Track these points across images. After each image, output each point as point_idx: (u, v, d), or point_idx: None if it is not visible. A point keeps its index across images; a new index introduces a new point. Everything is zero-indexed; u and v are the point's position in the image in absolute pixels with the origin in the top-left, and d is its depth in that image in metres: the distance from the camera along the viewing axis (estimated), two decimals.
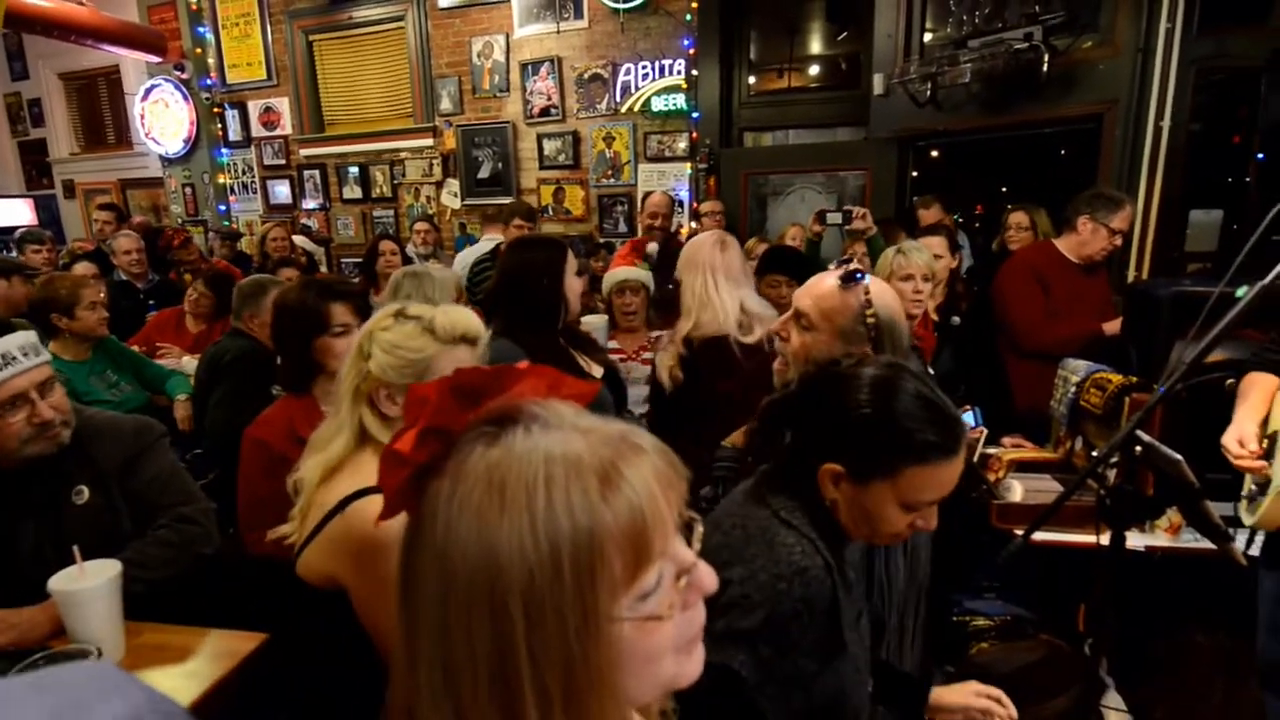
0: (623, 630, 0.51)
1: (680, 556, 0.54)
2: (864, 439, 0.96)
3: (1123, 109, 3.32)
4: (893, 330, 1.30)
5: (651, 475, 0.52)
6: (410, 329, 1.16)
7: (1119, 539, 1.47)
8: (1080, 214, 2.88)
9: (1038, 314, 2.87)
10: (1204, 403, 2.19)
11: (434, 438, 0.53)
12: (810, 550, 0.97)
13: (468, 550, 0.49)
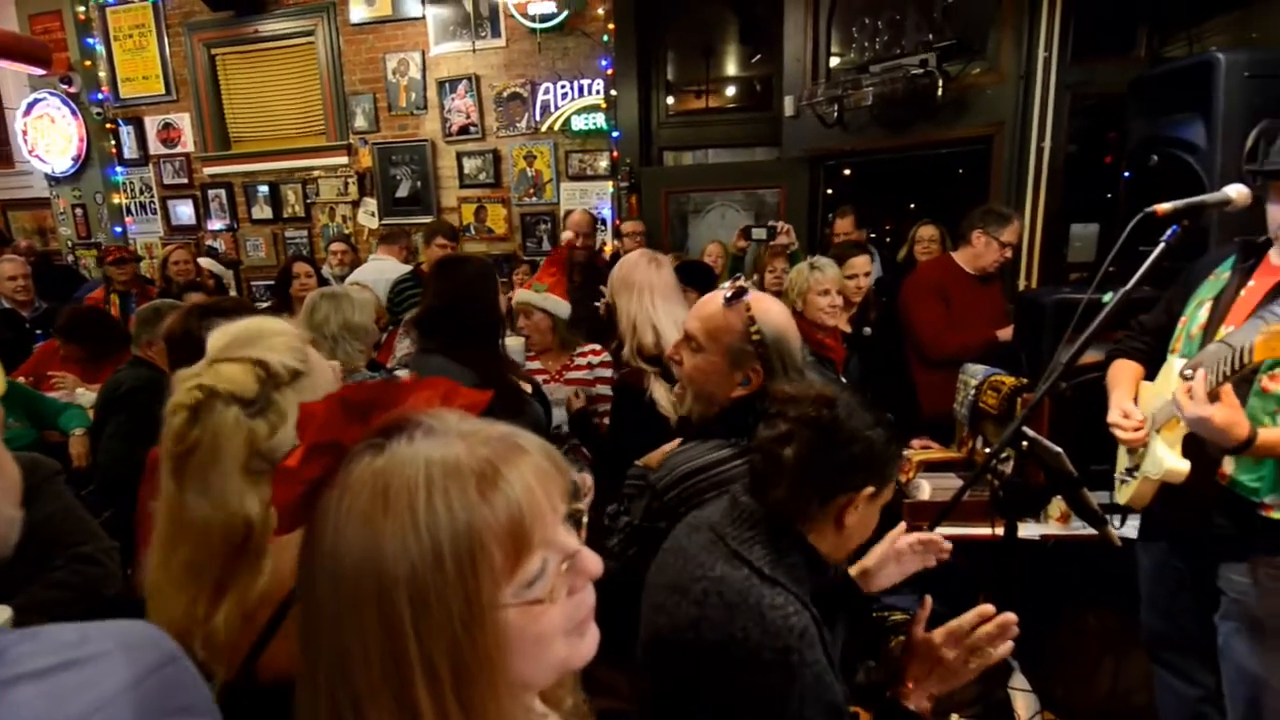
0: (508, 615, 0.55)
1: (563, 544, 0.59)
2: (876, 456, 1.04)
3: (1009, 131, 3.59)
4: (780, 345, 1.30)
5: (531, 473, 0.57)
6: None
7: (1012, 529, 1.59)
8: (974, 229, 3.09)
9: (940, 325, 3.06)
10: (1087, 400, 2.38)
11: (323, 452, 0.56)
12: (800, 606, 0.98)
13: (356, 551, 0.53)
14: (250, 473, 0.87)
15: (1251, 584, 1.73)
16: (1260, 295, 1.67)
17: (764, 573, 0.99)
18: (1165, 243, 1.42)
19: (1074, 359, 1.50)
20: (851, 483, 1.02)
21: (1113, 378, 2.04)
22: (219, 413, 0.87)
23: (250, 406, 0.89)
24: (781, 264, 3.09)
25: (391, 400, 0.59)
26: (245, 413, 0.88)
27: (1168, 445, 1.70)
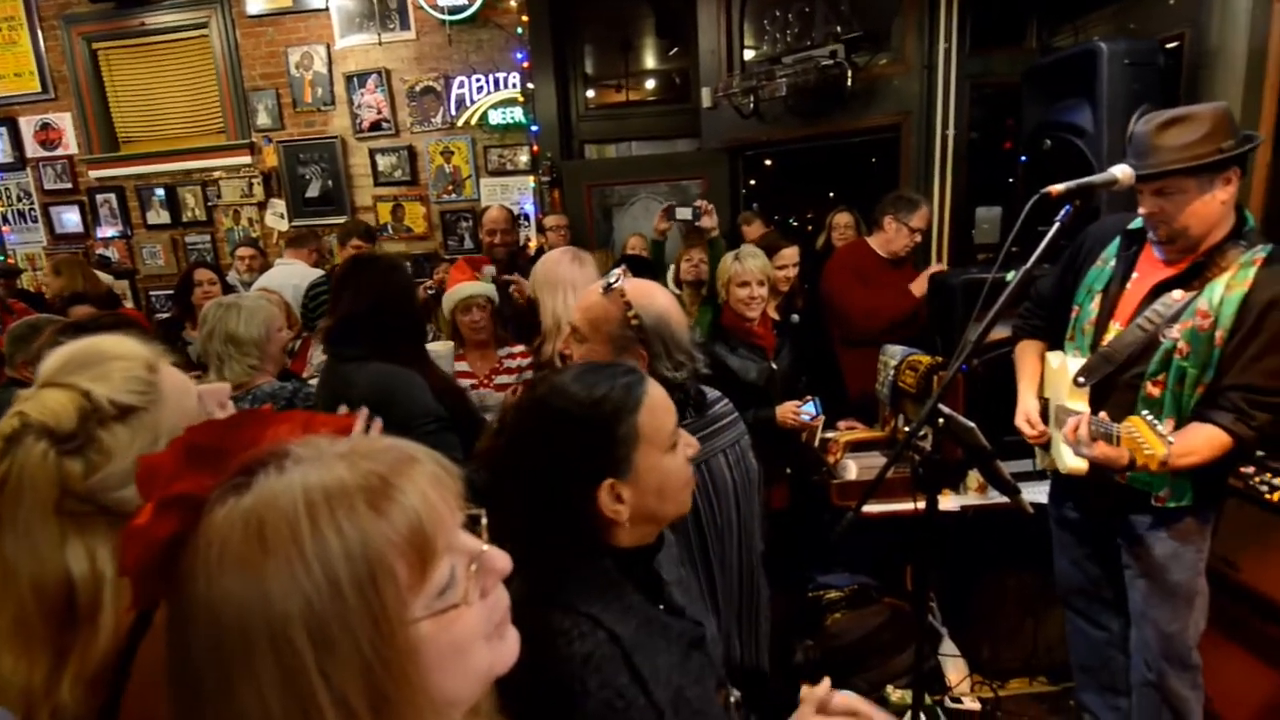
0: (421, 630, 0.52)
1: (467, 547, 0.57)
2: (599, 434, 0.91)
3: (915, 119, 3.73)
4: (661, 329, 1.28)
5: (425, 480, 0.54)
6: None
7: (932, 503, 1.65)
8: (885, 215, 3.20)
9: (860, 302, 3.15)
10: (998, 375, 2.50)
11: (176, 507, 0.51)
12: (591, 626, 0.87)
13: (236, 601, 0.48)
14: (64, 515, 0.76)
15: (1147, 545, 1.88)
16: (1142, 294, 1.81)
17: (550, 595, 0.89)
18: (1060, 222, 1.50)
19: (981, 337, 1.57)
20: (581, 474, 0.90)
21: (1019, 362, 2.17)
22: (27, 446, 0.76)
23: (66, 442, 0.77)
24: (699, 253, 3.10)
25: (245, 440, 0.54)
26: (58, 448, 0.77)
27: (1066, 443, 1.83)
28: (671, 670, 0.91)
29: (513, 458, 0.96)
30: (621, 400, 0.92)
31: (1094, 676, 2.28)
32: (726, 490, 1.38)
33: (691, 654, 0.99)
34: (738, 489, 1.42)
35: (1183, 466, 1.68)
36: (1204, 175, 1.65)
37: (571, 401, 0.93)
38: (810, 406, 2.35)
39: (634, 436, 0.91)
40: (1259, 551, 2.07)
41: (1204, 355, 1.68)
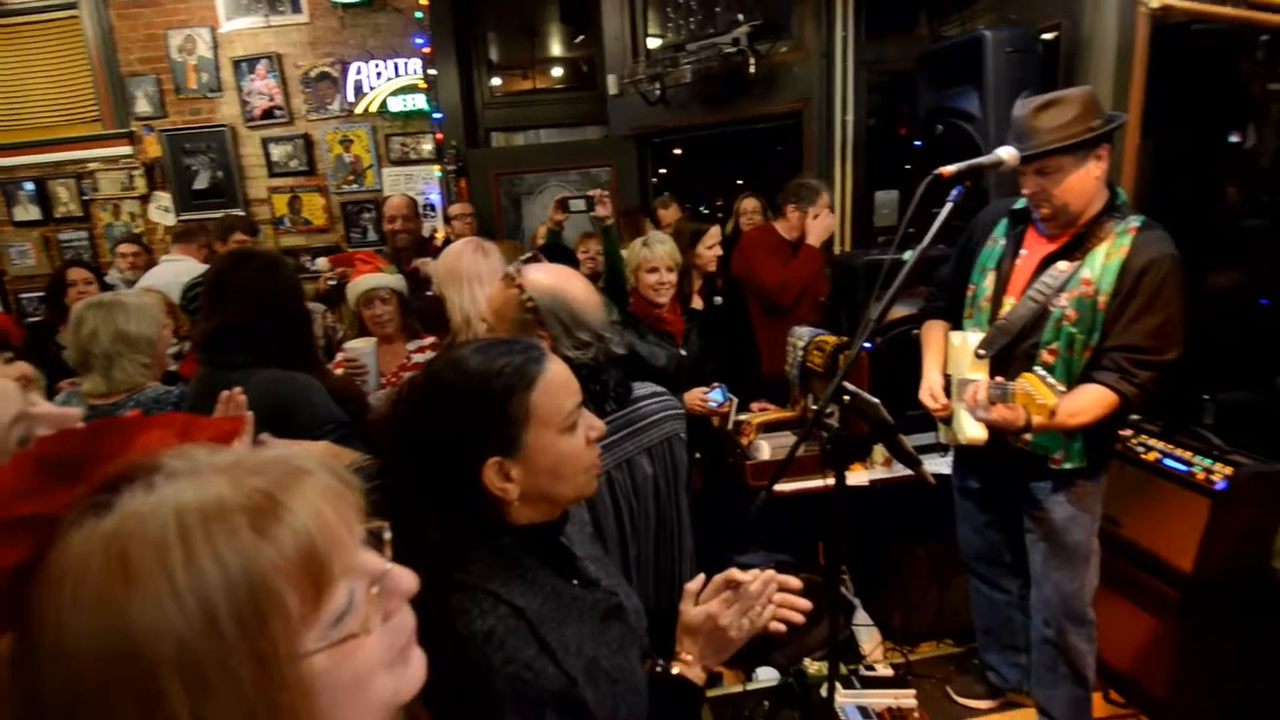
0: (316, 664, 0.46)
1: (369, 567, 0.51)
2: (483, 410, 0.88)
3: (815, 106, 3.81)
4: (558, 309, 1.26)
5: (318, 495, 0.48)
6: None
7: (841, 478, 1.68)
8: (788, 202, 3.25)
9: (775, 274, 3.15)
10: (902, 353, 2.58)
11: (21, 530, 0.43)
12: (492, 603, 0.84)
13: (94, 642, 0.41)
14: None
15: (1045, 509, 1.99)
16: (1031, 268, 1.92)
17: (448, 575, 0.86)
18: (952, 202, 1.54)
19: (881, 316, 1.61)
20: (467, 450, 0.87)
21: (924, 340, 2.26)
22: None
23: None
24: (595, 245, 3.06)
25: (108, 450, 0.47)
26: None
27: (969, 414, 1.91)
28: (583, 640, 0.90)
29: (402, 430, 0.94)
30: (514, 377, 0.89)
31: (996, 636, 2.40)
32: (646, 490, 1.36)
33: (610, 624, 0.98)
34: (660, 488, 1.40)
35: (1073, 426, 1.78)
36: (1078, 153, 1.75)
37: (463, 375, 0.90)
38: (717, 394, 2.36)
39: (525, 415, 0.88)
40: (1138, 508, 2.22)
41: (1090, 321, 1.79)
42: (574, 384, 0.94)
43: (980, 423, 1.86)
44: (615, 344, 1.31)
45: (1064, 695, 2.12)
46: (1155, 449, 2.21)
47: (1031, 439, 1.91)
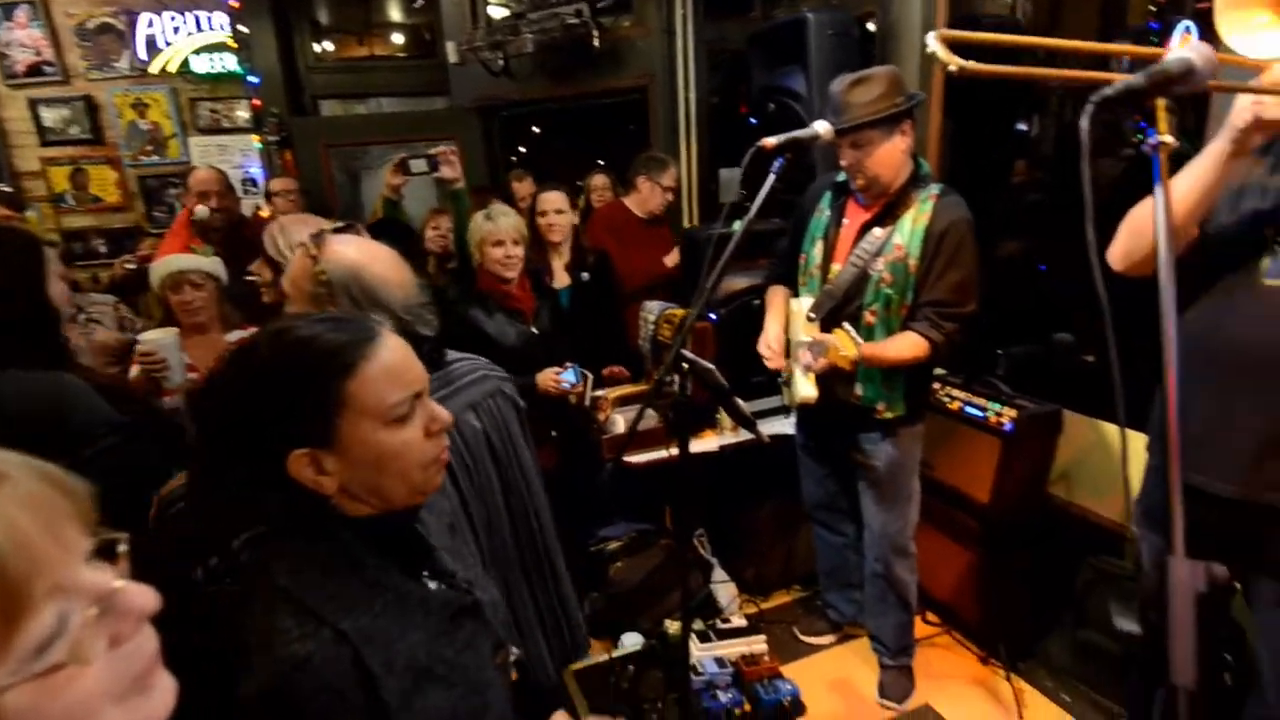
0: (9, 702, 0.41)
1: (89, 586, 0.45)
2: (288, 394, 0.80)
3: (659, 82, 3.87)
4: (350, 283, 1.19)
5: (16, 505, 0.43)
6: None
7: (685, 445, 1.75)
8: (638, 175, 3.30)
9: (619, 263, 3.21)
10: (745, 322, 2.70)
11: None
12: (314, 625, 0.77)
13: None
14: None
15: (874, 457, 2.19)
16: (852, 236, 2.10)
17: (274, 583, 0.79)
18: (774, 173, 1.62)
19: (714, 286, 1.67)
20: (272, 437, 0.79)
21: (768, 302, 2.39)
22: None
23: None
24: (448, 221, 2.91)
25: None
26: None
27: (803, 374, 2.05)
28: (419, 648, 0.84)
29: (212, 410, 0.83)
30: (329, 360, 0.80)
31: (835, 577, 2.63)
32: (479, 448, 1.31)
33: (461, 623, 0.94)
34: (494, 444, 1.35)
35: (890, 359, 1.99)
36: (885, 127, 1.93)
37: (277, 351, 0.82)
38: (569, 374, 2.35)
39: (338, 403, 0.80)
40: (945, 451, 2.49)
41: (903, 282, 1.99)
42: (411, 373, 0.86)
43: (812, 380, 2.02)
44: (420, 325, 1.24)
45: (891, 621, 2.36)
46: (958, 399, 2.50)
47: (861, 393, 2.09)
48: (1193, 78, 0.90)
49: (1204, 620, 0.77)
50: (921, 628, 2.61)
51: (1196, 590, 0.69)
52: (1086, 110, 0.88)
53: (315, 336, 0.82)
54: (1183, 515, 1.14)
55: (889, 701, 2.35)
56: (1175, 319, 0.78)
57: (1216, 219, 1.52)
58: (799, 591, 2.96)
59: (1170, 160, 0.88)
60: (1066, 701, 2.31)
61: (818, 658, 2.61)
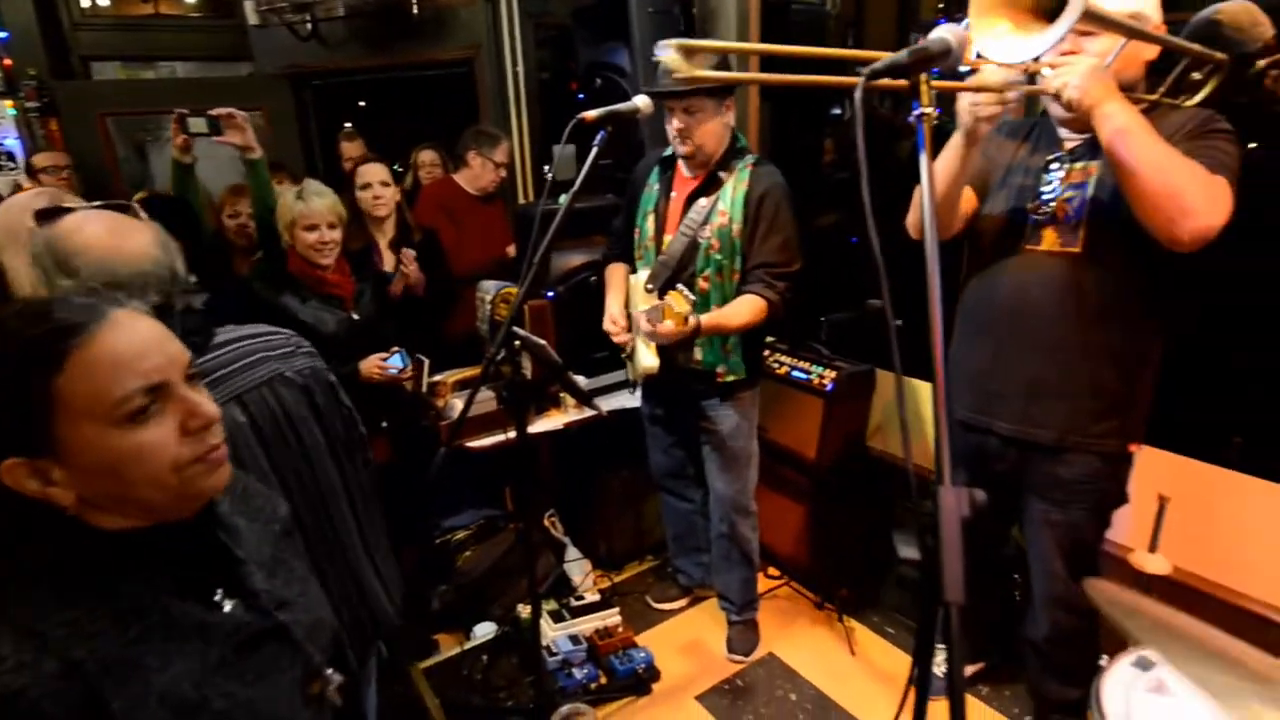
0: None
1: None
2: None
3: (486, 54, 3.73)
4: (43, 256, 1.06)
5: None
6: None
7: (522, 424, 1.71)
8: (468, 150, 3.17)
9: (451, 244, 3.09)
10: (584, 299, 2.70)
11: None
12: (32, 655, 0.66)
13: None
14: None
15: (717, 422, 2.28)
16: (680, 206, 2.16)
17: (4, 606, 0.69)
18: (597, 146, 1.61)
19: (541, 263, 1.65)
20: None
21: (608, 281, 2.40)
22: None
23: None
24: (244, 206, 2.62)
25: None
26: None
27: (645, 345, 2.09)
28: (184, 680, 0.73)
29: None
30: (25, 354, 0.68)
31: (683, 542, 2.72)
32: (243, 442, 1.17)
33: (256, 650, 0.83)
34: (268, 440, 1.22)
35: (735, 326, 2.06)
36: (717, 97, 2.01)
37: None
38: (396, 359, 2.23)
39: (45, 403, 0.67)
40: (777, 414, 2.65)
41: (730, 248, 2.07)
42: (148, 360, 0.72)
43: (654, 350, 2.06)
44: (174, 300, 1.09)
45: (737, 578, 2.49)
46: (785, 364, 2.66)
47: (701, 357, 2.16)
48: (949, 56, 0.99)
49: (978, 541, 0.86)
50: (764, 582, 2.77)
51: (961, 514, 0.77)
52: (859, 84, 0.93)
53: (30, 324, 0.69)
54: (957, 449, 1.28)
55: (736, 655, 2.48)
56: (938, 272, 0.86)
57: (992, 194, 1.73)
58: (651, 561, 3.04)
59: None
60: (891, 634, 2.56)
61: (670, 623, 2.70)
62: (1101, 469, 1.66)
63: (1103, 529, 1.78)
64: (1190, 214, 1.34)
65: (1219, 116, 1.48)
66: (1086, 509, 1.71)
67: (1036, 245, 1.64)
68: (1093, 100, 1.37)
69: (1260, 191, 1.49)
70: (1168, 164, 1.35)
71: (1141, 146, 1.35)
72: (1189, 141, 1.45)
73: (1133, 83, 1.53)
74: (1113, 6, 1.44)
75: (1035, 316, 1.63)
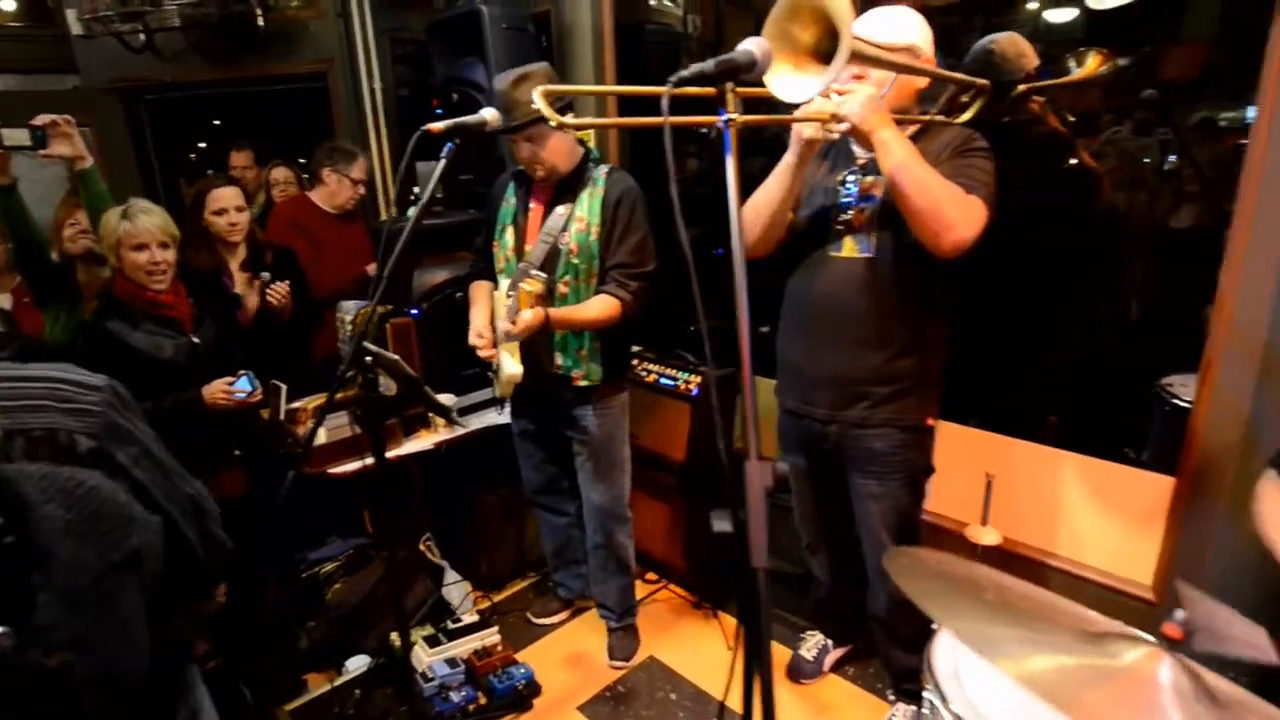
0: None
1: None
2: None
3: (340, 69, 3.62)
4: None
5: None
6: None
7: (379, 442, 1.67)
8: (323, 167, 3.06)
9: (308, 266, 2.97)
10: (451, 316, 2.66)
11: None
12: None
13: None
14: None
15: (586, 431, 2.29)
16: (539, 217, 2.18)
17: None
18: (445, 158, 1.61)
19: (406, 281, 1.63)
20: None
21: (472, 297, 2.37)
22: None
23: None
24: (84, 215, 2.44)
25: None
26: None
27: (510, 354, 2.09)
28: None
29: None
30: None
31: (562, 556, 2.72)
32: None
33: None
34: None
35: (586, 320, 2.09)
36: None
37: None
38: (243, 382, 2.11)
39: None
40: (647, 421, 2.71)
41: (588, 250, 2.12)
42: None
43: (517, 356, 2.07)
44: None
45: (615, 586, 2.51)
46: (654, 371, 2.73)
47: (560, 362, 2.18)
48: (754, 68, 1.08)
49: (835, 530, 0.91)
50: (643, 587, 2.81)
51: (765, 486, 0.83)
52: (666, 91, 1.00)
53: None
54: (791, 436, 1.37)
55: (618, 662, 2.50)
56: (744, 271, 0.93)
57: (804, 207, 1.90)
58: (533, 577, 3.01)
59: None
60: None
61: (551, 637, 2.68)
62: (907, 439, 1.88)
63: (919, 498, 1.98)
64: (949, 229, 1.57)
65: (978, 136, 1.73)
66: (900, 479, 1.91)
67: (838, 252, 1.84)
68: (869, 126, 1.56)
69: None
70: (933, 189, 1.57)
71: (911, 176, 1.56)
72: (952, 160, 1.68)
73: (908, 106, 1.78)
74: (886, 41, 1.64)
75: (838, 314, 1.83)
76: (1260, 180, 1.61)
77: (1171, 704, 0.73)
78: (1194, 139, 2.92)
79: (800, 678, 2.34)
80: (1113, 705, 0.74)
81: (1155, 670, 0.77)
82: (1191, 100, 3.58)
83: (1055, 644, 0.83)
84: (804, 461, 2.08)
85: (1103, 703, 0.74)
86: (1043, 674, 0.77)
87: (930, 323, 1.84)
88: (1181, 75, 3.77)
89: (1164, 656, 0.79)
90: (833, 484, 2.04)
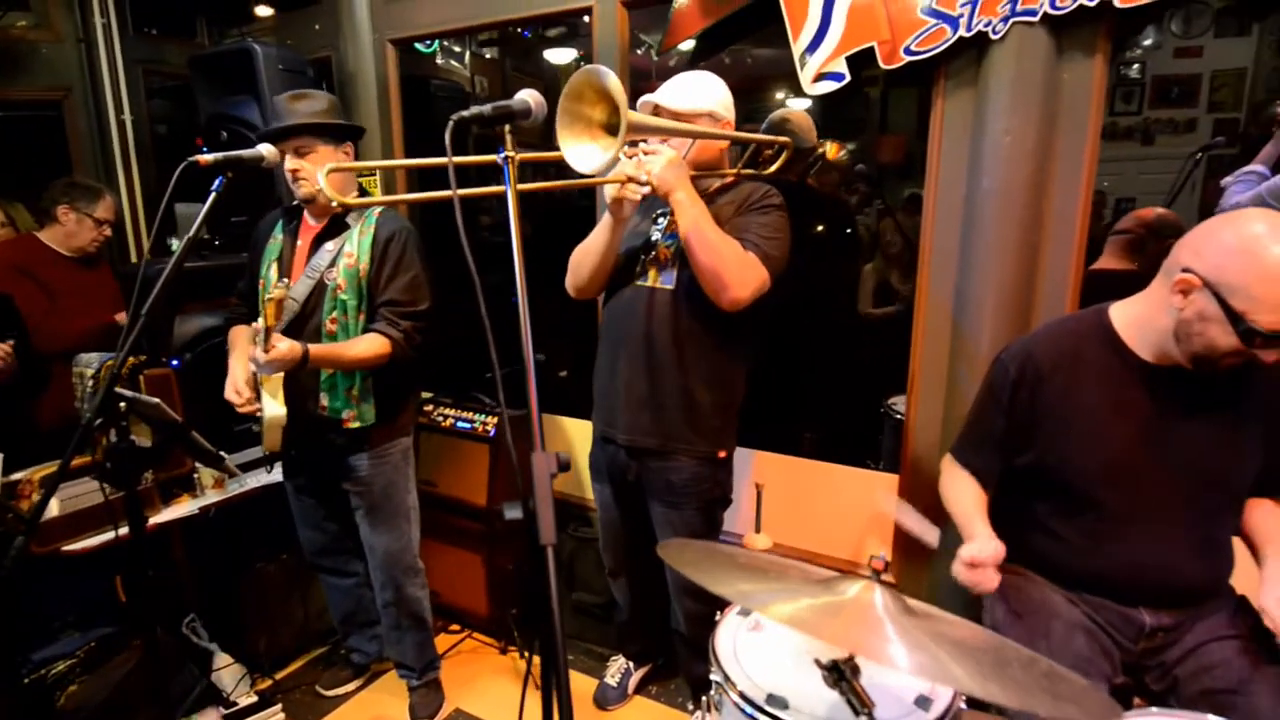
0: None
1: None
2: None
3: (79, 98, 3.22)
4: None
5: None
6: None
7: (134, 503, 1.50)
8: (59, 204, 2.71)
9: (42, 317, 2.59)
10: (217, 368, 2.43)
11: None
12: None
13: None
14: None
15: (364, 481, 2.20)
16: (305, 253, 2.12)
17: None
18: (215, 192, 1.53)
19: (167, 330, 1.50)
20: None
21: (231, 345, 2.23)
22: None
23: None
24: None
25: None
26: None
27: (271, 395, 1.96)
28: None
29: None
30: None
31: (353, 620, 2.54)
32: None
33: None
34: None
35: (338, 361, 2.01)
36: (331, 139, 2.05)
37: None
38: None
39: None
40: (446, 467, 2.67)
41: (357, 288, 2.06)
42: None
43: (280, 398, 1.95)
44: None
45: (411, 642, 2.39)
46: (450, 416, 2.72)
47: (326, 403, 2.08)
48: (529, 115, 1.20)
49: (640, 555, 0.99)
50: (446, 639, 2.72)
51: (551, 472, 0.92)
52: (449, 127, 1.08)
53: None
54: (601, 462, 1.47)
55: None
56: (527, 307, 1.03)
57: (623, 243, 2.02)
58: (321, 649, 2.78)
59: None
60: (570, 660, 2.68)
61: (345, 708, 2.49)
62: (701, 471, 1.99)
63: (715, 526, 2.11)
64: (726, 288, 1.76)
65: (774, 192, 1.92)
66: (696, 509, 2.02)
67: (645, 282, 1.98)
68: (667, 187, 1.74)
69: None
70: (718, 249, 1.75)
71: (700, 236, 1.74)
72: (745, 214, 1.87)
73: (716, 161, 1.97)
74: (686, 108, 1.85)
75: (641, 341, 1.96)
76: (931, 246, 2.03)
77: (887, 618, 0.96)
78: (903, 210, 3.61)
79: (607, 704, 2.39)
80: (849, 627, 0.95)
81: (871, 597, 1.00)
82: (901, 179, 4.41)
83: (797, 590, 1.02)
84: (609, 490, 2.17)
85: (842, 627, 0.95)
86: (794, 613, 0.95)
87: (726, 358, 1.96)
88: (892, 159, 4.65)
89: (875, 586, 1.02)
90: (635, 511, 2.13)
